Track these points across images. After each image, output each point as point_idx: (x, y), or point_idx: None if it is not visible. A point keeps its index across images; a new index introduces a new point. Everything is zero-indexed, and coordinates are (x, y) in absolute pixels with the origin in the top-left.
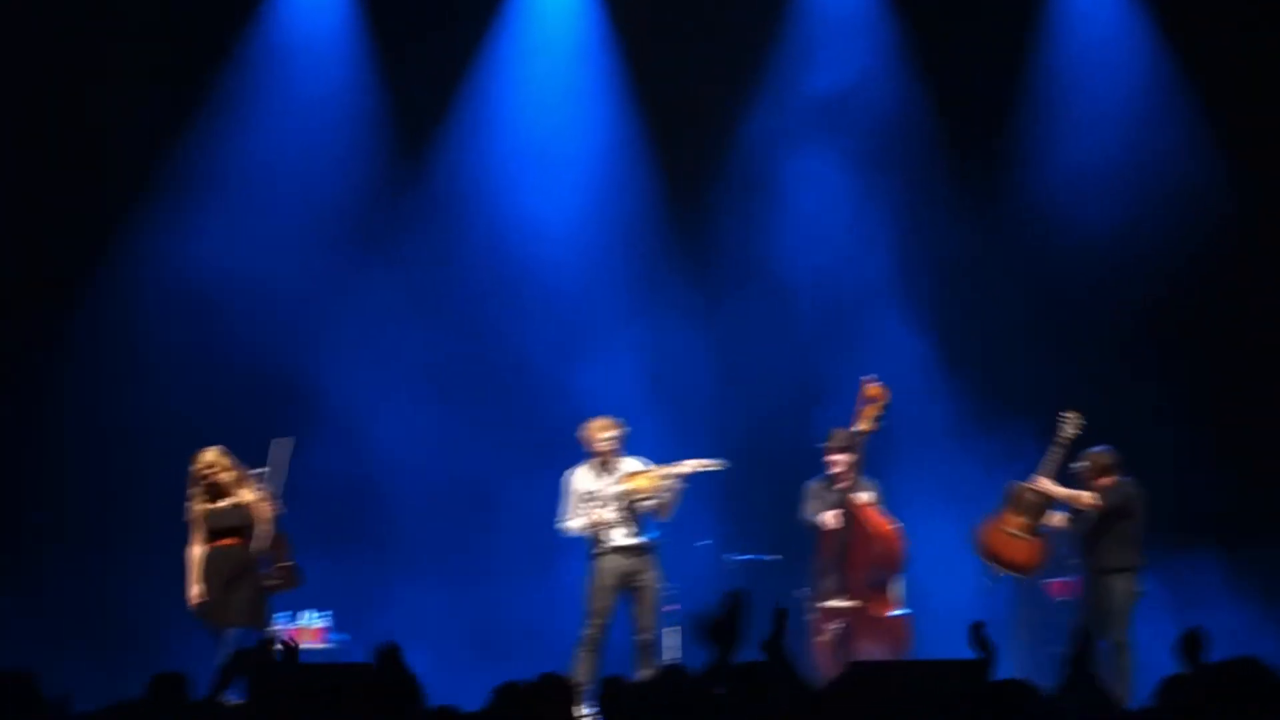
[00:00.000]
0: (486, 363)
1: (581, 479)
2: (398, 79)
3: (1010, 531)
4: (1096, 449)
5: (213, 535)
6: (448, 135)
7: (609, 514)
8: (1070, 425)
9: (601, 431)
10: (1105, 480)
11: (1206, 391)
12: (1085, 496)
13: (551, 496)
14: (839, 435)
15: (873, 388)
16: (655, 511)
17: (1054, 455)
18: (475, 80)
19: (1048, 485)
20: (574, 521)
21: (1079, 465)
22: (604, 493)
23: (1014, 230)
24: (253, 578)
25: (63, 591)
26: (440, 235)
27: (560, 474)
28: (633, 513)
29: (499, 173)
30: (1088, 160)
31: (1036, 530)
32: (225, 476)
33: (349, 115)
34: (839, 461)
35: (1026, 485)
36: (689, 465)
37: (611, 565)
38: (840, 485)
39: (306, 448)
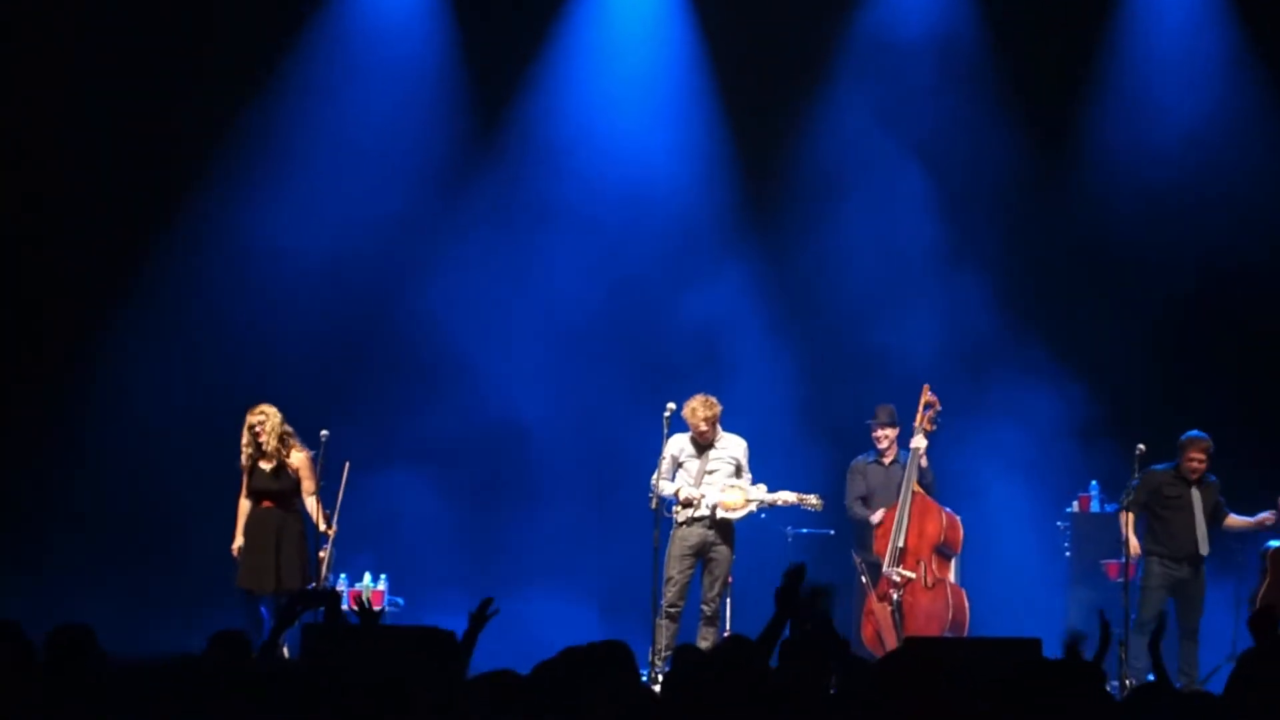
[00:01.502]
0: (594, 310)
1: (676, 446)
2: (477, 34)
3: None
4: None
5: (253, 495)
6: (529, 87)
7: (691, 490)
8: None
9: (695, 412)
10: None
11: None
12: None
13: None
14: (885, 410)
15: (930, 395)
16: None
17: None
18: (558, 27)
19: None
20: (663, 486)
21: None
22: (691, 468)
23: (1080, 201)
24: (294, 540)
25: (130, 553)
26: (531, 194)
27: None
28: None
29: (583, 126)
30: (1158, 136)
31: None
32: (272, 441)
33: (431, 82)
34: (886, 436)
35: None
36: (784, 498)
37: (688, 534)
38: (888, 460)
39: (421, 410)
